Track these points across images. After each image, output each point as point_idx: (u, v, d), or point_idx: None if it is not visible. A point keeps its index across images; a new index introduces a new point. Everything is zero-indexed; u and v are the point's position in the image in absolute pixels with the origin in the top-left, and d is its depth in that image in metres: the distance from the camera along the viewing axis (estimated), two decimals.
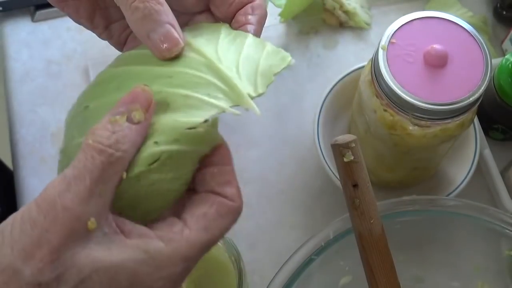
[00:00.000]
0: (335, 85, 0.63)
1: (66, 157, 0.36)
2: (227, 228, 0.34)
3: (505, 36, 0.71)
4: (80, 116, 0.36)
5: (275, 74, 0.37)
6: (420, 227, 0.52)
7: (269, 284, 0.47)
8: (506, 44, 0.70)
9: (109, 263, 0.29)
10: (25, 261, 0.28)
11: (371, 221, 0.42)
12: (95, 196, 0.29)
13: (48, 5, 0.73)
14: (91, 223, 0.29)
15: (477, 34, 0.50)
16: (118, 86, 0.36)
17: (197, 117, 0.34)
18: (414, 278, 0.55)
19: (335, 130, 0.65)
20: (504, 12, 0.73)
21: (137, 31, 0.36)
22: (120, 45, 0.44)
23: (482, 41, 0.50)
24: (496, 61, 0.61)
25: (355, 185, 0.41)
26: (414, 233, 0.52)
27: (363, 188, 0.41)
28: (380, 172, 0.60)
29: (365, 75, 0.53)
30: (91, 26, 0.42)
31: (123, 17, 0.42)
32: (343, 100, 0.64)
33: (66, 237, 0.28)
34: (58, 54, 0.72)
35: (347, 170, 0.41)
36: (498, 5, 0.74)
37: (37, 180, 0.65)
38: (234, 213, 0.34)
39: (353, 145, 0.40)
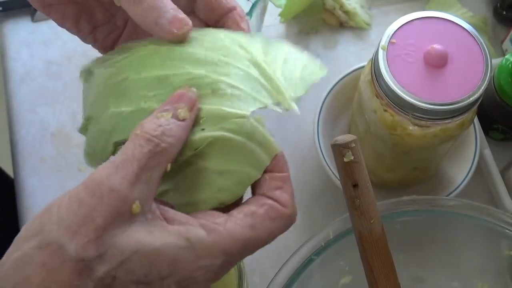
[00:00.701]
0: (335, 85, 0.63)
1: (96, 125, 0.37)
2: (275, 233, 0.34)
3: (505, 36, 0.71)
4: (118, 87, 0.36)
5: (313, 82, 0.38)
6: (420, 227, 0.52)
7: (269, 284, 0.47)
8: (506, 44, 0.70)
9: (151, 246, 0.30)
10: (70, 237, 0.29)
11: (371, 221, 0.42)
12: (141, 182, 0.30)
13: None
14: (136, 206, 0.30)
15: (477, 34, 0.50)
16: (160, 64, 0.36)
17: (241, 110, 0.35)
18: (414, 278, 0.55)
19: (335, 130, 0.65)
20: (504, 12, 0.73)
21: (144, 22, 0.37)
22: (105, 49, 0.44)
23: (482, 41, 0.50)
24: (496, 61, 0.61)
25: (355, 185, 0.41)
26: (414, 233, 0.52)
27: (363, 188, 0.41)
28: (380, 172, 0.60)
29: (365, 75, 0.53)
30: (76, 30, 0.43)
31: (108, 22, 0.42)
32: (343, 100, 0.64)
33: (111, 217, 0.29)
34: (58, 54, 0.72)
35: (347, 170, 0.41)
36: (498, 5, 0.74)
37: (37, 180, 0.65)
38: (286, 220, 0.35)
39: (353, 145, 0.40)
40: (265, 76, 0.37)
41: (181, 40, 0.37)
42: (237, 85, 0.35)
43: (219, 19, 0.41)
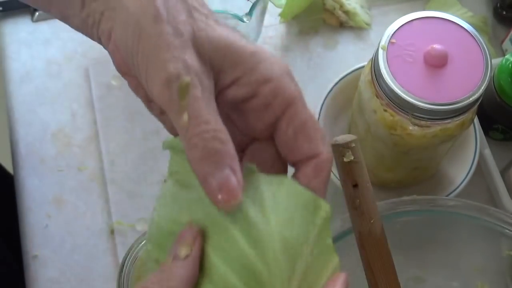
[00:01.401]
0: (335, 85, 0.63)
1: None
2: None
3: (505, 36, 0.71)
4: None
5: None
6: (420, 227, 0.52)
7: None
8: (506, 44, 0.70)
9: None
10: None
11: (371, 221, 0.42)
12: None
13: None
14: None
15: (477, 34, 0.50)
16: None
17: None
18: (414, 278, 0.55)
19: (335, 130, 0.65)
20: (504, 12, 0.73)
21: (194, 171, 0.32)
22: (173, 134, 0.39)
23: (482, 41, 0.50)
24: (496, 61, 0.61)
25: (355, 185, 0.41)
26: (414, 233, 0.52)
27: (363, 188, 0.41)
28: (380, 172, 0.60)
29: (365, 75, 0.53)
30: (148, 106, 0.39)
31: None
32: (343, 100, 0.64)
33: None
34: (58, 54, 0.72)
35: (347, 170, 0.41)
36: (498, 5, 0.74)
37: (37, 180, 0.65)
38: None
39: (353, 145, 0.40)
40: None
41: (222, 210, 0.32)
42: None
43: (296, 162, 0.36)
